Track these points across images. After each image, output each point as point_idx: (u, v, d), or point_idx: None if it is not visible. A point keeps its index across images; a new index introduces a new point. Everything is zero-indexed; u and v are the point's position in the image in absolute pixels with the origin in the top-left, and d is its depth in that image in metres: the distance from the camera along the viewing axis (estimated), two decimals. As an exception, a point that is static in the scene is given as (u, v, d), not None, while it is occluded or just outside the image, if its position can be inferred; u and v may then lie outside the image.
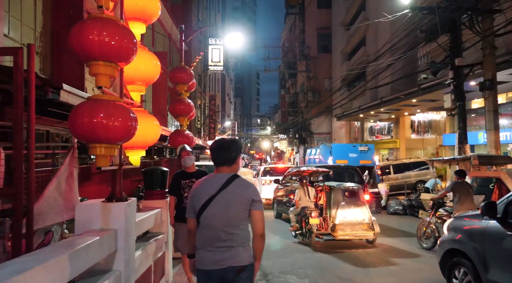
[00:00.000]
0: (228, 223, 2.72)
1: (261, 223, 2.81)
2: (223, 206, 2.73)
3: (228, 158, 2.85)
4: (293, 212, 9.25)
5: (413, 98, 18.26)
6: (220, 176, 2.82)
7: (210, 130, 31.32)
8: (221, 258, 2.70)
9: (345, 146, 17.87)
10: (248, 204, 2.77)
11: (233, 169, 2.87)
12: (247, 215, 2.79)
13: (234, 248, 2.73)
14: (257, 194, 2.86)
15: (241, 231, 2.77)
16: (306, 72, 38.35)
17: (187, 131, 6.97)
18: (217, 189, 2.75)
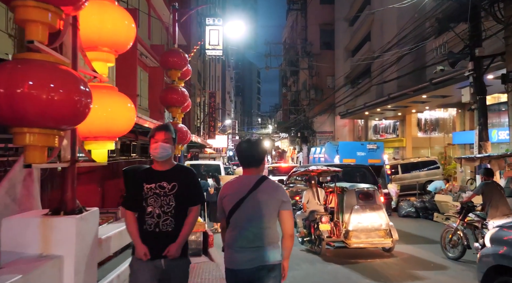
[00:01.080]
0: (259, 223, 2.78)
1: (291, 223, 2.88)
2: (254, 207, 2.78)
3: (256, 159, 2.89)
4: (300, 217, 8.30)
5: (424, 93, 17.28)
6: (249, 178, 2.86)
7: (210, 128, 30.39)
8: (252, 258, 2.73)
9: (353, 144, 16.92)
10: (278, 204, 2.83)
11: (260, 170, 2.92)
12: (276, 215, 2.84)
13: (264, 247, 2.77)
14: (286, 195, 2.90)
15: (271, 231, 2.81)
16: (308, 69, 37.45)
17: (180, 125, 6.02)
18: (247, 190, 2.79)
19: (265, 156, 3.10)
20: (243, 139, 3.09)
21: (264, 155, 2.96)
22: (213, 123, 29.75)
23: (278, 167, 17.23)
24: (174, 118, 5.96)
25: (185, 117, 24.92)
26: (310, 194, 8.15)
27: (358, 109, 25.19)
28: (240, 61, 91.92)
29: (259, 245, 2.77)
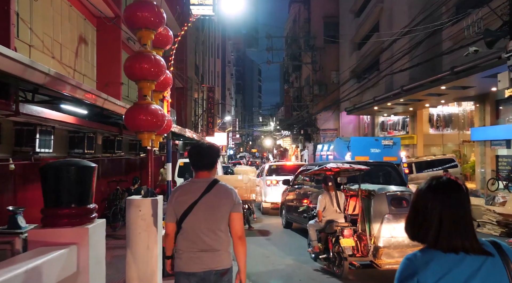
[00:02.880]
0: (211, 227, 2.78)
1: (241, 225, 2.87)
2: (207, 210, 2.79)
3: (207, 162, 2.92)
4: (314, 227, 6.63)
5: (443, 84, 15.60)
6: (201, 181, 2.88)
7: (209, 125, 28.77)
8: (204, 261, 2.75)
9: (366, 140, 15.26)
10: (230, 207, 2.83)
11: (212, 173, 2.95)
12: (226, 218, 2.83)
13: (218, 251, 2.78)
14: (238, 197, 2.90)
15: (224, 235, 2.82)
16: (311, 64, 35.90)
17: (153, 105, 4.35)
18: (199, 194, 2.81)
19: (217, 160, 3.02)
20: (195, 144, 3.12)
21: (215, 158, 2.96)
22: (211, 119, 28.14)
23: (282, 165, 15.56)
24: (145, 96, 4.28)
25: (181, 112, 23.38)
26: (327, 199, 6.50)
27: (366, 104, 23.57)
28: (241, 58, 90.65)
29: (212, 249, 2.77)
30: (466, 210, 1.52)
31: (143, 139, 4.32)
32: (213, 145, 3.05)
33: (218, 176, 11.10)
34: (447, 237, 1.49)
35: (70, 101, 6.07)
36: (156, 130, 4.36)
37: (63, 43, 8.42)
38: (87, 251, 2.46)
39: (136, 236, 4.50)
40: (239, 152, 68.60)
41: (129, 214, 4.52)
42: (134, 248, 4.50)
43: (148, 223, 4.53)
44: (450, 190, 1.53)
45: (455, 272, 1.46)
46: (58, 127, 8.31)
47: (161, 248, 4.85)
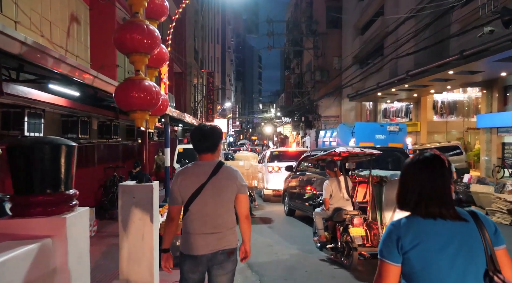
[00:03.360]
0: (219, 209, 2.81)
1: (247, 205, 2.93)
2: (214, 193, 2.80)
3: (209, 145, 2.89)
4: (321, 215, 6.24)
5: (451, 69, 15.09)
6: (206, 164, 2.87)
7: (208, 111, 28.31)
8: (213, 243, 2.77)
9: (371, 126, 14.85)
10: (236, 189, 2.86)
11: (216, 155, 2.92)
12: (233, 199, 2.86)
13: (224, 232, 2.82)
14: (243, 178, 2.92)
15: (230, 216, 2.86)
16: (313, 50, 35.29)
17: (147, 81, 3.92)
18: (206, 177, 2.80)
19: (220, 142, 2.94)
20: (197, 126, 3.05)
21: (217, 140, 2.92)
22: (211, 105, 27.66)
23: (284, 151, 15.14)
24: (137, 71, 3.85)
25: (180, 98, 22.92)
26: (333, 185, 6.10)
27: (370, 90, 23.04)
28: (241, 45, 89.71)
29: (220, 230, 2.80)
30: (445, 182, 1.68)
31: (136, 119, 3.91)
32: (215, 127, 2.98)
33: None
34: (426, 204, 1.65)
35: (58, 81, 5.64)
36: (150, 109, 3.94)
37: (53, 21, 7.94)
38: (66, 245, 2.06)
39: (130, 225, 4.12)
40: (239, 139, 68.21)
41: (122, 202, 4.14)
42: (128, 239, 4.12)
43: (143, 211, 4.15)
44: (432, 164, 1.69)
45: (434, 236, 1.62)
46: (49, 110, 7.88)
47: (158, 238, 4.47)
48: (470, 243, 1.61)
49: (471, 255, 1.61)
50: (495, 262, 1.61)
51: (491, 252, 1.61)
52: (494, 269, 1.61)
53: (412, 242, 1.61)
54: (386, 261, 1.67)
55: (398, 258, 1.65)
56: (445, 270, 1.60)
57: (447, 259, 1.60)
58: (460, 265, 1.59)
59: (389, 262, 1.66)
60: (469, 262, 1.60)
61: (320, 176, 8.68)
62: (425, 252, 1.61)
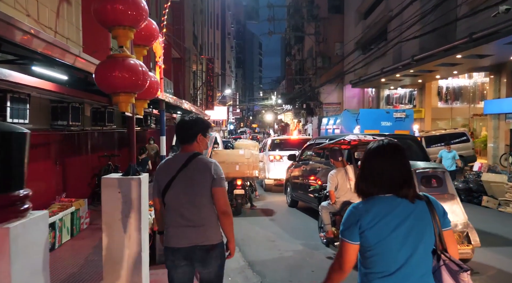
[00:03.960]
0: (192, 201, 2.73)
1: (223, 200, 2.76)
2: (185, 185, 2.74)
3: (187, 135, 2.84)
4: (327, 209, 5.76)
5: (459, 52, 14.50)
6: (181, 155, 2.83)
7: (208, 98, 27.73)
8: (188, 236, 2.72)
9: (377, 113, 14.31)
10: (209, 181, 2.74)
11: (194, 147, 2.85)
12: (209, 193, 2.75)
13: (201, 227, 2.73)
14: (218, 170, 2.80)
15: (207, 210, 2.76)
16: (315, 35, 34.61)
17: (132, 59, 3.40)
18: (177, 169, 2.76)
19: (198, 133, 2.83)
20: (183, 117, 3.05)
21: (196, 132, 2.84)
22: (211, 92, 27.06)
23: (286, 140, 14.65)
24: (120, 47, 3.32)
25: (179, 85, 22.33)
26: (339, 176, 5.60)
27: (374, 76, 22.44)
28: (241, 32, 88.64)
29: (194, 224, 2.72)
30: (403, 165, 1.84)
31: (120, 102, 3.40)
32: (198, 118, 2.92)
33: (218, 150, 10.22)
34: (389, 185, 1.81)
35: (41, 62, 5.12)
36: (135, 91, 3.43)
37: (40, 0, 7.35)
38: (8, 263, 1.56)
39: (115, 223, 3.65)
40: (240, 127, 67.73)
41: (106, 196, 3.66)
42: (113, 239, 3.65)
43: (129, 207, 3.66)
44: (390, 150, 1.85)
45: (391, 216, 1.77)
46: (36, 95, 7.37)
47: (147, 238, 4.00)
48: (422, 224, 1.77)
49: (422, 234, 1.76)
50: (443, 241, 1.79)
51: (440, 232, 1.79)
52: (442, 248, 1.79)
53: (370, 222, 1.76)
54: (346, 241, 1.81)
55: (357, 238, 1.79)
56: (396, 247, 1.74)
57: (400, 237, 1.74)
58: (411, 243, 1.74)
59: (349, 242, 1.80)
60: (419, 241, 1.75)
61: (325, 166, 8.20)
62: (380, 230, 1.75)
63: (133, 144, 3.90)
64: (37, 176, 7.51)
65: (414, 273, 1.73)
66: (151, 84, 4.05)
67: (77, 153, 9.54)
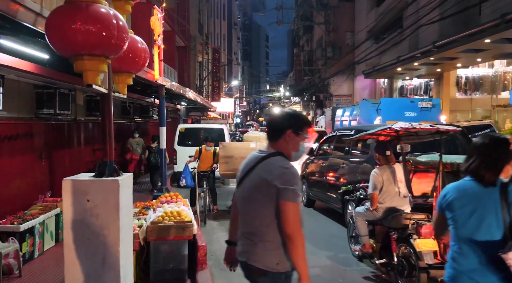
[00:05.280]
0: (250, 211, 2.25)
1: (289, 218, 2.10)
2: (247, 189, 2.28)
3: (273, 130, 2.32)
4: (364, 217, 4.61)
5: (487, 37, 13.28)
6: (262, 152, 2.33)
7: (214, 89, 26.65)
8: (243, 250, 2.28)
9: (400, 102, 13.23)
10: (271, 191, 2.12)
11: (279, 146, 2.27)
12: (270, 205, 2.14)
13: (257, 244, 2.19)
14: (286, 178, 2.12)
15: (265, 224, 2.18)
16: (324, 24, 33.52)
17: (102, 7, 2.25)
18: (249, 167, 2.30)
19: (287, 128, 2.22)
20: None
21: (284, 126, 2.26)
22: (217, 83, 25.97)
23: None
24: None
25: (183, 75, 21.25)
26: (385, 176, 4.43)
27: (389, 65, 21.25)
28: (248, 24, 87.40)
29: (253, 238, 2.22)
30: (506, 156, 2.13)
31: (85, 71, 2.32)
32: (292, 112, 2.43)
33: (225, 143, 9.14)
34: (488, 173, 2.11)
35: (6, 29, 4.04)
36: (108, 54, 2.34)
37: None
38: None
39: (82, 244, 2.56)
40: (246, 120, 66.85)
41: (68, 207, 2.57)
42: (77, 267, 2.55)
43: (103, 221, 2.58)
44: (497, 144, 2.16)
45: (475, 199, 2.10)
46: (13, 78, 6.30)
47: (131, 259, 2.91)
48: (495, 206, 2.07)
49: (495, 216, 2.06)
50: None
51: (509, 216, 2.05)
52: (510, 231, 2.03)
53: (460, 202, 2.12)
54: (440, 213, 2.25)
55: (449, 213, 2.18)
56: (475, 225, 2.07)
57: (478, 217, 2.06)
58: (486, 223, 2.05)
59: (443, 214, 2.22)
60: (492, 221, 2.06)
61: (350, 162, 7.11)
62: (465, 210, 2.11)
63: (110, 133, 2.81)
64: (16, 171, 6.47)
65: None
66: (137, 50, 2.95)
67: (67, 146, 8.50)
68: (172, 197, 6.39)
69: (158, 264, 4.51)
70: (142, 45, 3.08)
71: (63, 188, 2.57)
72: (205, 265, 4.59)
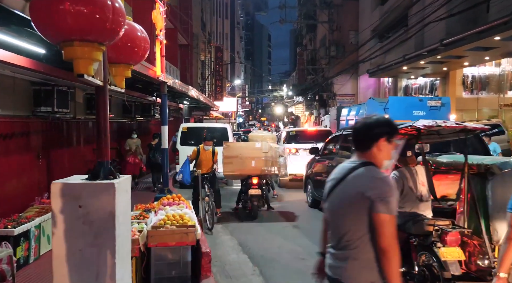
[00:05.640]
0: (340, 224, 2.14)
1: (384, 232, 1.96)
2: (337, 202, 2.18)
3: (362, 139, 2.18)
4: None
5: (497, 34, 12.97)
6: (351, 162, 2.20)
7: (217, 89, 26.38)
8: (334, 265, 2.15)
9: (408, 101, 12.95)
10: (362, 203, 2.01)
11: (370, 156, 2.12)
12: (362, 218, 2.02)
13: (349, 260, 2.07)
14: (381, 190, 2.00)
15: (358, 241, 2.05)
16: (328, 23, 33.29)
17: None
18: (339, 179, 2.18)
19: (379, 137, 2.08)
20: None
21: (376, 134, 2.10)
22: (220, 82, 25.69)
23: (303, 131, 13.33)
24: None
25: (186, 73, 20.95)
26: (406, 179, 4.09)
27: (395, 63, 20.96)
28: (250, 24, 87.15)
29: (342, 253, 2.10)
30: None
31: (75, 59, 2.03)
32: (382, 118, 2.21)
33: (229, 142, 8.84)
34: None
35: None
36: (102, 40, 2.04)
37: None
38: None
39: (73, 256, 2.26)
40: (249, 120, 66.64)
41: (58, 214, 2.27)
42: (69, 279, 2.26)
43: (97, 229, 2.29)
44: None
45: None
46: (8, 74, 6.03)
47: (129, 271, 2.62)
48: None
49: None
50: None
51: None
52: None
53: None
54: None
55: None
56: None
57: None
58: None
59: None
60: None
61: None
62: None
63: (105, 131, 2.53)
64: (12, 172, 6.20)
65: None
66: (136, 39, 2.65)
67: (66, 145, 8.23)
68: (174, 199, 6.10)
69: (160, 272, 4.22)
70: (142, 34, 2.79)
71: (51, 193, 2.29)
72: (209, 273, 4.30)
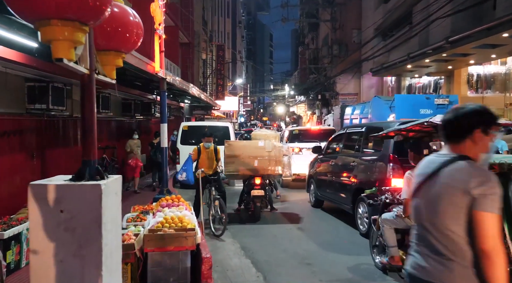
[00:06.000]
0: (435, 223, 1.94)
1: (487, 232, 1.77)
2: (430, 199, 1.98)
3: (455, 129, 1.97)
4: (393, 225, 4.01)
5: (506, 31, 12.67)
6: (441, 156, 2.03)
7: (218, 88, 26.13)
8: (428, 269, 1.94)
9: (414, 99, 12.65)
10: (461, 200, 1.82)
11: (464, 149, 1.93)
12: (460, 217, 1.84)
13: (449, 262, 1.88)
14: (484, 185, 1.80)
15: (459, 240, 1.85)
16: (330, 22, 33.04)
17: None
18: (429, 173, 2.00)
19: (475, 127, 1.87)
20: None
21: (471, 124, 1.89)
22: (221, 81, 25.44)
23: (306, 130, 13.07)
24: None
25: (187, 72, 20.68)
26: None
27: (399, 62, 20.67)
28: (252, 23, 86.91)
29: (436, 254, 1.91)
30: None
31: (53, 40, 1.73)
32: (477, 107, 1.97)
33: (230, 141, 8.56)
34: None
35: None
36: (85, 19, 1.76)
37: None
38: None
39: (53, 268, 1.99)
40: (250, 120, 66.46)
41: (35, 219, 1.99)
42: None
43: (80, 238, 2.01)
44: None
45: None
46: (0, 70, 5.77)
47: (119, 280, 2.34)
48: None
49: None
50: None
51: None
52: None
53: None
54: None
55: None
56: None
57: None
58: None
59: None
60: None
61: (362, 160, 6.59)
62: None
63: (91, 127, 2.25)
64: (4, 172, 5.94)
65: None
66: (128, 24, 2.37)
67: (62, 145, 7.96)
68: (173, 200, 5.81)
69: (157, 279, 3.95)
70: (135, 19, 2.51)
71: (29, 195, 2.01)
72: (210, 279, 4.02)
